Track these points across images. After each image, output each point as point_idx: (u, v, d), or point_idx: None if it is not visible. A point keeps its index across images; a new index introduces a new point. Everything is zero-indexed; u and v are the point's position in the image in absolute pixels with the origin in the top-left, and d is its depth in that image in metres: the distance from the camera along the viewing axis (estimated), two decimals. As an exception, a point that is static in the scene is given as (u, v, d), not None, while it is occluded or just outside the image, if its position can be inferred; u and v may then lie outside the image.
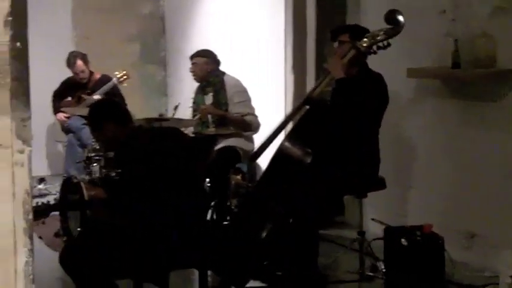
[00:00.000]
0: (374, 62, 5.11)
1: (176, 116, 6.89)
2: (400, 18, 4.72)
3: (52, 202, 5.47)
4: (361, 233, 5.25)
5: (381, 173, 5.15)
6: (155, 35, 10.30)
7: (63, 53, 8.99)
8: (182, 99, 8.42)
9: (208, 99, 6.67)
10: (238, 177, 6.60)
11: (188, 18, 9.50)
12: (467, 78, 5.34)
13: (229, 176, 6.32)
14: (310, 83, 6.85)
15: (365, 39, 4.80)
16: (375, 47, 4.83)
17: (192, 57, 6.74)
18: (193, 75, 6.77)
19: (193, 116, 6.76)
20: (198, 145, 4.64)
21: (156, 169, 4.06)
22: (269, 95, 7.16)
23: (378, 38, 4.76)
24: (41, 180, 8.47)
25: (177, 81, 9.86)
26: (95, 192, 5.82)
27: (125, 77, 8.25)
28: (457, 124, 5.54)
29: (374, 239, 5.22)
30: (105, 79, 8.35)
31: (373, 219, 5.48)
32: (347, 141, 4.89)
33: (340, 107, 4.82)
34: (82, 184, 5.90)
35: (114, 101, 5.17)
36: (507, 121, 5.09)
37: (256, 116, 6.49)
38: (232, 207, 6.24)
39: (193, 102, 6.82)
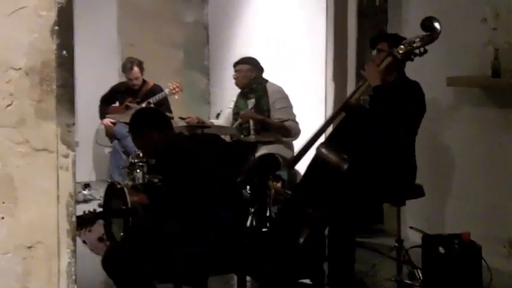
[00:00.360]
0: (413, 71, 5.10)
1: (217, 124, 6.93)
2: (437, 25, 4.71)
3: (98, 210, 5.50)
4: (399, 241, 5.21)
5: (420, 182, 5.12)
6: (199, 44, 10.40)
7: (108, 60, 9.41)
8: (224, 107, 8.43)
9: (250, 105, 6.67)
10: (278, 184, 6.63)
11: (231, 28, 9.57)
12: (507, 87, 5.31)
13: (268, 183, 6.34)
14: (351, 91, 6.58)
15: (401, 46, 4.80)
16: (411, 54, 4.83)
17: (236, 64, 6.75)
18: (236, 82, 6.77)
19: (234, 120, 6.75)
20: (237, 151, 4.64)
21: (196, 175, 4.10)
22: (310, 104, 7.19)
23: (414, 44, 4.76)
24: (86, 185, 8.54)
25: (219, 89, 9.94)
26: (138, 198, 5.83)
27: (177, 89, 8.29)
28: (497, 132, 5.51)
29: (412, 247, 5.17)
30: (157, 89, 8.40)
31: (411, 228, 5.46)
32: (383, 148, 4.88)
33: (377, 114, 4.81)
34: (125, 190, 5.95)
35: (155, 108, 5.19)
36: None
37: (297, 123, 6.48)
38: (272, 214, 6.28)
39: (235, 107, 6.82)
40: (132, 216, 5.08)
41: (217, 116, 7.14)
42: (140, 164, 6.42)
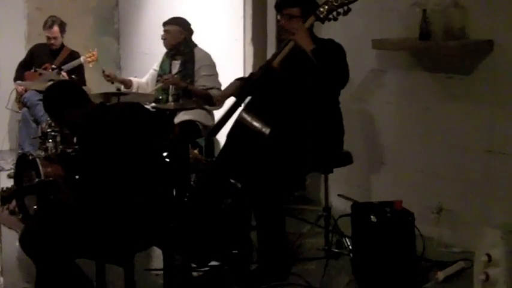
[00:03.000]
0: (336, 33, 4.99)
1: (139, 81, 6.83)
2: None
3: (9, 183, 5.26)
4: (327, 209, 5.12)
5: (347, 148, 5.04)
6: (109, 7, 10.24)
7: (13, 25, 9.20)
8: (135, 72, 8.43)
9: (175, 67, 6.52)
10: (196, 151, 6.49)
11: None
12: (437, 50, 5.18)
13: (188, 151, 6.25)
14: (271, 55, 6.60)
15: (324, 5, 4.66)
16: (335, 13, 4.68)
17: (165, 24, 6.55)
18: (164, 43, 6.59)
19: (157, 81, 6.60)
20: (160, 120, 4.40)
21: (119, 146, 3.91)
22: (228, 69, 6.94)
23: (338, 2, 4.62)
24: None
25: (130, 53, 9.85)
26: (52, 169, 5.79)
27: (93, 57, 8.14)
28: (427, 98, 5.41)
29: (341, 216, 5.06)
30: (75, 56, 8.24)
31: (340, 195, 5.43)
32: (309, 112, 4.74)
33: (321, 75, 4.64)
34: (38, 161, 5.82)
35: (69, 82, 4.85)
36: (478, 94, 4.98)
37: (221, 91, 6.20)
38: (192, 183, 6.20)
39: (160, 68, 6.66)
40: (54, 190, 4.78)
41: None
42: (53, 133, 6.24)
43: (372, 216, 4.52)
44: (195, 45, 6.55)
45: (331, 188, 5.33)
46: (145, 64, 8.49)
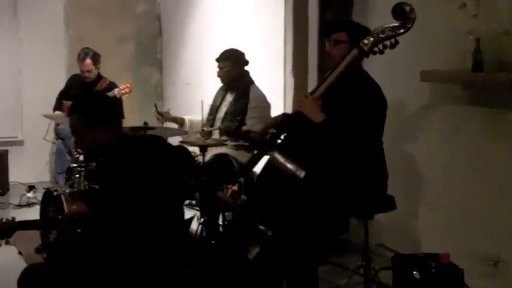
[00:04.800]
0: (382, 65, 4.71)
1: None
2: (409, 11, 4.18)
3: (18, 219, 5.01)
4: (367, 260, 4.80)
5: (389, 192, 4.73)
6: (151, 36, 10.25)
7: (55, 54, 9.35)
8: (176, 103, 8.57)
9: (227, 100, 6.35)
10: (235, 187, 6.18)
11: (185, 19, 9.34)
12: (491, 83, 4.80)
13: (221, 189, 5.95)
14: (312, 86, 6.25)
15: (369, 37, 4.27)
16: (380, 46, 4.29)
17: (218, 59, 6.37)
18: (220, 79, 6.41)
19: (209, 116, 6.41)
20: (181, 157, 4.05)
21: (140, 184, 3.58)
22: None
23: (385, 34, 4.23)
24: (31, 187, 8.23)
25: (172, 84, 9.79)
26: (76, 207, 5.60)
27: (126, 89, 8.02)
28: (479, 135, 5.07)
29: (380, 269, 4.77)
30: (112, 87, 8.13)
31: (380, 245, 5.16)
32: (348, 154, 4.41)
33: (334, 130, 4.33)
34: (62, 197, 5.69)
35: (111, 98, 4.52)
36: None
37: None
38: (225, 223, 5.92)
39: (213, 100, 6.51)
40: (60, 229, 4.46)
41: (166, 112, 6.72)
42: (79, 168, 6.10)
43: (414, 272, 4.22)
44: (252, 82, 6.36)
45: (372, 236, 5.00)
46: (187, 94, 8.54)
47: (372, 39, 4.25)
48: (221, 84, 6.47)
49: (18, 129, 9.49)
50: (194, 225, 5.63)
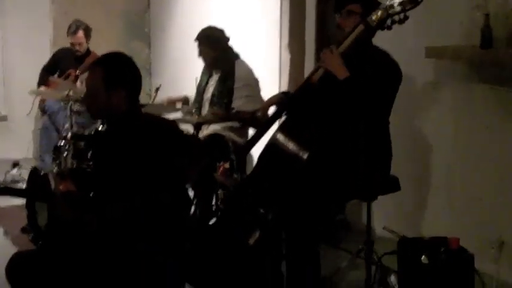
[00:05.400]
0: (386, 40, 4.49)
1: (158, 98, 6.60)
2: None
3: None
4: (369, 243, 4.57)
5: (394, 173, 4.55)
6: (139, 10, 10.05)
7: (39, 28, 9.13)
8: (165, 79, 8.44)
9: (212, 82, 6.23)
10: (226, 165, 6.02)
11: None
12: (502, 60, 4.67)
13: (216, 168, 5.64)
14: (309, 64, 6.44)
15: (377, 12, 4.13)
16: (389, 21, 4.15)
17: (197, 40, 6.25)
18: (202, 61, 6.32)
19: (197, 97, 6.33)
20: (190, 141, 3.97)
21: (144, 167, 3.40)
22: (262, 77, 6.51)
23: (394, 9, 4.08)
24: (15, 164, 8.10)
25: (161, 59, 9.67)
26: (63, 186, 5.29)
27: None
28: (487, 114, 4.98)
29: (386, 253, 4.62)
30: None
31: (384, 228, 4.96)
32: (353, 133, 4.24)
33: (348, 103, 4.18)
34: (50, 176, 5.43)
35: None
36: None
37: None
38: (218, 203, 5.68)
39: (199, 82, 6.39)
40: (49, 204, 4.34)
41: (156, 90, 6.60)
42: (67, 147, 6.06)
43: (423, 257, 4.08)
44: (236, 57, 6.22)
45: (375, 218, 4.83)
46: (177, 70, 8.37)
47: (380, 14, 4.11)
48: None
49: (1, 104, 9.30)
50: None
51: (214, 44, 6.16)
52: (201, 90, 6.26)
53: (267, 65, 6.93)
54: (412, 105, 5.50)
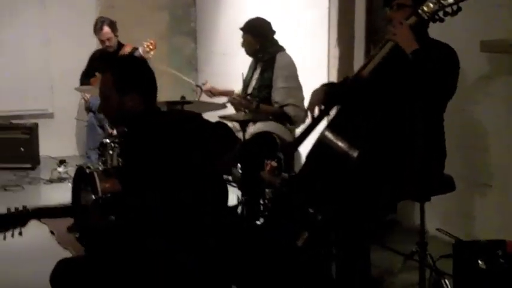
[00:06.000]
0: (438, 34, 4.36)
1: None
2: None
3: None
4: (423, 245, 4.47)
5: (447, 171, 4.38)
6: (185, 4, 10.10)
7: (84, 24, 8.98)
8: (212, 74, 8.48)
9: (256, 74, 6.29)
10: (273, 163, 5.98)
11: None
12: None
13: (264, 166, 5.71)
14: (359, 59, 6.37)
15: (429, 3, 4.05)
16: (441, 13, 4.06)
17: (241, 30, 6.31)
18: (245, 51, 6.36)
19: (242, 88, 6.34)
20: (220, 136, 3.81)
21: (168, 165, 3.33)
22: (309, 72, 6.53)
23: (446, 1, 4.01)
24: (61, 162, 8.14)
25: (207, 54, 9.68)
26: (109, 185, 5.27)
27: (151, 46, 7.69)
28: None
29: (441, 257, 4.48)
30: (135, 50, 7.89)
31: (438, 230, 4.85)
32: (406, 131, 4.13)
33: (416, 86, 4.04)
34: (96, 175, 5.35)
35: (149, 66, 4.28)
36: None
37: (299, 108, 5.96)
38: (266, 201, 5.72)
39: (245, 76, 6.39)
40: (80, 217, 4.22)
41: (200, 87, 6.75)
42: (112, 144, 6.02)
43: (480, 262, 3.93)
44: (279, 50, 6.21)
45: (428, 218, 4.68)
46: (223, 65, 8.38)
47: (431, 5, 4.03)
48: None
49: (48, 101, 9.34)
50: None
51: (258, 35, 6.20)
52: (246, 84, 6.26)
53: (315, 61, 6.86)
54: (465, 100, 5.34)
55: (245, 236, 4.83)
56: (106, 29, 7.91)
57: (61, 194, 6.67)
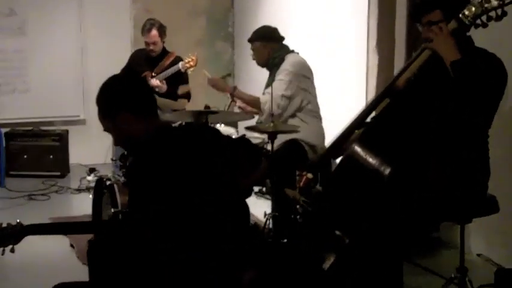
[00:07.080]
0: (485, 42, 4.07)
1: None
2: None
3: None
4: (462, 271, 4.19)
5: (491, 191, 4.08)
6: (223, 9, 10.05)
7: (119, 28, 9.15)
8: (249, 81, 8.34)
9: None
10: (309, 175, 5.65)
11: None
12: None
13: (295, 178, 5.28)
14: (399, 66, 5.93)
15: (470, 7, 3.77)
16: (484, 18, 3.77)
17: (249, 42, 6.16)
18: (256, 62, 6.22)
19: None
20: (242, 153, 3.58)
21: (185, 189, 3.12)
22: (347, 80, 6.45)
23: (490, 4, 3.72)
24: (92, 170, 8.10)
25: (244, 60, 9.38)
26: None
27: (191, 62, 7.45)
28: None
29: (482, 286, 4.24)
30: (178, 62, 7.64)
31: (479, 255, 4.61)
32: (447, 147, 3.85)
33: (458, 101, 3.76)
34: (116, 187, 5.35)
35: (138, 79, 4.06)
36: None
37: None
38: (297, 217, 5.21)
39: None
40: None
41: (232, 95, 6.40)
42: None
43: None
44: (288, 52, 6.01)
45: (471, 240, 4.46)
46: (261, 72, 8.03)
47: (473, 9, 3.76)
48: None
49: (80, 107, 9.24)
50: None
51: (266, 39, 6.07)
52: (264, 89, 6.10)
53: (354, 68, 6.68)
54: (510, 113, 5.05)
55: (265, 254, 4.70)
56: (154, 32, 7.64)
57: (86, 205, 6.43)
